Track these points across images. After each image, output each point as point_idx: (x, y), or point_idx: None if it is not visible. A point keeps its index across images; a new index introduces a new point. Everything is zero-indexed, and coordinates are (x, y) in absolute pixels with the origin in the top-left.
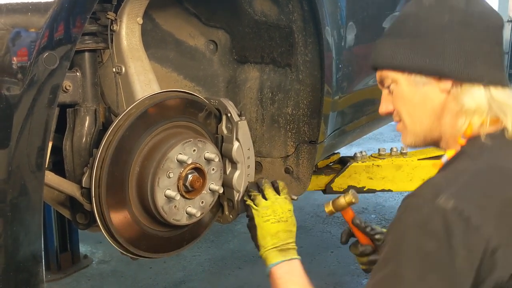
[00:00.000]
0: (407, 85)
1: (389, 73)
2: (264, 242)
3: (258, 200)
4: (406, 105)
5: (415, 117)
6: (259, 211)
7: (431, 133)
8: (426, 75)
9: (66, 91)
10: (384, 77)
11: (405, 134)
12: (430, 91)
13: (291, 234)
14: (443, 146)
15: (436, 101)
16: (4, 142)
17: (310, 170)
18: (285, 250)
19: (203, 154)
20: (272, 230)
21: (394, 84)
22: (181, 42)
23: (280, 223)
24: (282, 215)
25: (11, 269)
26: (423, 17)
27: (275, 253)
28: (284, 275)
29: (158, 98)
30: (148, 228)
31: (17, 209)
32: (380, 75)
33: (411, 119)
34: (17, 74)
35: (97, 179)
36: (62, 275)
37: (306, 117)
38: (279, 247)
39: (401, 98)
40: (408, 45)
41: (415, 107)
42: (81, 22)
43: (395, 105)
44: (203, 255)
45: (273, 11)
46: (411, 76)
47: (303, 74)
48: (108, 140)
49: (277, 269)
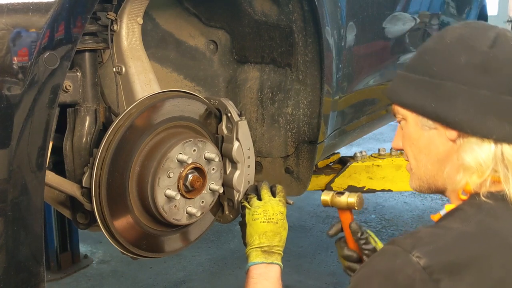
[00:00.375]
0: (414, 125)
1: (399, 109)
2: (251, 240)
3: (252, 200)
4: (412, 146)
5: (419, 161)
6: (251, 209)
7: (435, 180)
8: (432, 120)
9: (67, 91)
10: (396, 111)
11: (411, 176)
12: (436, 136)
13: (279, 237)
14: (448, 197)
15: (441, 148)
16: (5, 142)
17: (310, 170)
18: (269, 252)
19: (203, 154)
20: (260, 229)
21: (404, 121)
22: (181, 42)
23: (269, 224)
24: (273, 216)
25: (12, 269)
26: (439, 55)
27: (257, 253)
28: (257, 276)
29: (159, 98)
30: (149, 227)
31: (18, 209)
32: (393, 107)
33: (416, 162)
34: (18, 74)
35: (98, 179)
36: (62, 275)
37: (306, 117)
38: (264, 248)
39: (408, 138)
40: (418, 84)
41: (420, 151)
42: (81, 22)
43: (403, 144)
44: (203, 255)
45: (273, 11)
46: (419, 117)
47: (303, 74)
48: (108, 140)
49: (254, 268)
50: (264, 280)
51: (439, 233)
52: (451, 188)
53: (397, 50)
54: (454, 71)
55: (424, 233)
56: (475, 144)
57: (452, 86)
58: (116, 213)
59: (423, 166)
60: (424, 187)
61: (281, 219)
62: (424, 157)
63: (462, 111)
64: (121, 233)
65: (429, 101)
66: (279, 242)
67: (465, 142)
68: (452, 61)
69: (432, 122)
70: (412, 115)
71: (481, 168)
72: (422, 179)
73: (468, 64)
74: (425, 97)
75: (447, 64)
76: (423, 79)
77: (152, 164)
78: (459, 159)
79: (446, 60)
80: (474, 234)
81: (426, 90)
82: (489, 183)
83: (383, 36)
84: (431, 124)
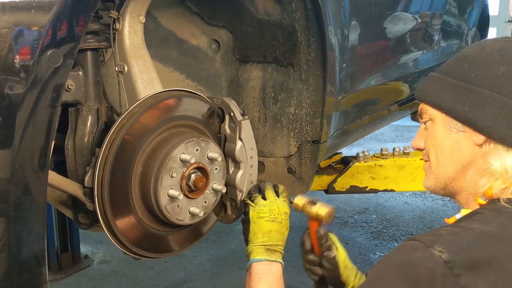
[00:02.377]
0: (442, 126)
1: (429, 109)
2: (254, 238)
3: (257, 199)
4: (436, 146)
5: (441, 161)
6: (256, 208)
7: (452, 182)
8: (462, 123)
9: (68, 90)
10: (424, 111)
11: (428, 175)
12: (462, 139)
13: (282, 237)
14: (462, 201)
15: (466, 151)
16: (7, 141)
17: (312, 170)
18: (272, 250)
19: (206, 153)
20: (265, 228)
21: (430, 122)
22: (184, 41)
23: (274, 223)
24: (278, 216)
25: (14, 269)
26: (478, 63)
27: (261, 250)
28: (262, 272)
29: (161, 97)
30: (151, 227)
31: (20, 209)
32: (421, 108)
33: (437, 162)
34: (21, 72)
35: (100, 179)
36: (63, 275)
37: (308, 116)
38: (267, 246)
39: (433, 138)
40: (454, 87)
41: (443, 151)
42: (84, 21)
43: (426, 144)
44: (204, 255)
45: (276, 10)
46: (448, 119)
47: (306, 73)
48: (111, 139)
49: (257, 265)
50: (269, 276)
51: (460, 232)
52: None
53: (400, 49)
54: (491, 80)
55: (445, 231)
56: (502, 150)
57: (487, 94)
58: (118, 213)
59: (444, 167)
60: (439, 187)
61: (285, 219)
62: (446, 158)
63: (493, 119)
64: (123, 233)
65: (462, 105)
66: (281, 242)
67: (492, 148)
68: (491, 71)
69: (461, 125)
70: (442, 115)
71: (506, 174)
72: (439, 179)
73: (506, 75)
74: (459, 100)
75: (485, 73)
76: (460, 84)
77: (155, 164)
78: (486, 164)
79: (485, 69)
80: (495, 234)
81: (461, 94)
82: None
83: (386, 35)
84: (460, 126)
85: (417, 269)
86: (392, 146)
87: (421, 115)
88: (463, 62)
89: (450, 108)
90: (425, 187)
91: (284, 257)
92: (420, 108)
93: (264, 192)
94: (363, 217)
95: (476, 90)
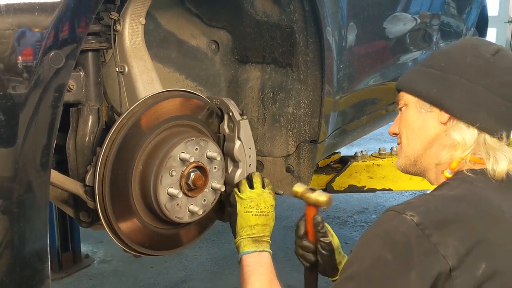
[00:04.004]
0: (414, 109)
1: (405, 95)
2: (242, 231)
3: (243, 186)
4: (407, 127)
5: (410, 139)
6: (243, 201)
7: (421, 159)
8: (430, 103)
9: (70, 90)
10: (400, 99)
11: (399, 155)
12: (430, 119)
13: (268, 228)
14: (432, 178)
15: (432, 130)
16: (11, 141)
17: (311, 169)
18: (259, 241)
19: (205, 152)
20: (252, 221)
21: (405, 107)
22: (183, 42)
23: (261, 217)
24: (264, 209)
25: (18, 264)
26: (451, 55)
27: (248, 242)
28: (252, 264)
29: (161, 97)
30: (151, 226)
31: (24, 206)
32: (398, 96)
33: (407, 141)
34: (24, 73)
35: (101, 177)
36: (64, 274)
37: (307, 116)
38: (254, 238)
39: (405, 121)
40: (428, 74)
41: (413, 131)
42: (86, 22)
43: (400, 127)
44: (204, 254)
45: (274, 11)
46: (419, 101)
47: (304, 74)
48: (111, 138)
49: (247, 257)
50: (259, 266)
51: (429, 198)
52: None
53: (398, 50)
54: (459, 68)
55: (416, 200)
56: (463, 126)
57: (455, 79)
58: (119, 211)
59: (413, 145)
60: (409, 165)
61: (271, 211)
62: (415, 137)
63: (458, 99)
64: (124, 231)
65: (433, 88)
66: (267, 232)
67: (454, 124)
68: (459, 60)
69: (429, 105)
70: (414, 99)
71: (464, 144)
72: (409, 156)
73: (472, 64)
74: (431, 85)
75: (455, 62)
76: (433, 72)
77: (154, 163)
78: (448, 136)
79: (455, 59)
80: (460, 197)
81: (433, 79)
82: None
83: (384, 36)
84: (428, 107)
85: (394, 235)
86: (391, 146)
87: (398, 103)
88: (437, 54)
89: (421, 91)
90: (397, 168)
91: (284, 256)
92: (398, 96)
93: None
94: (362, 217)
95: (445, 76)
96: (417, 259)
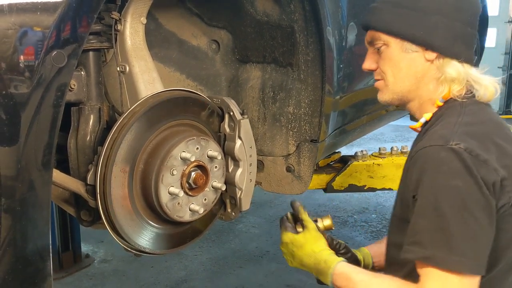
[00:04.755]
0: (398, 49)
1: (383, 36)
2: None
3: None
4: (393, 67)
5: (398, 78)
6: None
7: (408, 94)
8: (417, 45)
9: (71, 89)
10: (376, 38)
11: (384, 91)
12: (416, 58)
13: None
14: (413, 108)
15: (420, 67)
16: (13, 140)
17: (311, 169)
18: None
19: (206, 152)
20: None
21: (385, 46)
22: (184, 41)
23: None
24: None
25: (20, 263)
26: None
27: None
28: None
29: (162, 96)
30: (152, 225)
31: (26, 205)
32: (373, 35)
33: (395, 79)
34: (26, 72)
35: (102, 176)
36: (64, 274)
37: (307, 116)
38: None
39: (389, 60)
40: (406, 16)
41: (400, 70)
42: (88, 22)
43: (381, 65)
44: (204, 254)
45: (275, 11)
46: (404, 43)
47: (305, 73)
48: (113, 137)
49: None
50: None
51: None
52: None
53: None
54: (437, 6)
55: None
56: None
57: (436, 19)
58: (120, 210)
59: (401, 82)
60: (396, 99)
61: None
62: (404, 75)
63: (443, 38)
64: (125, 230)
65: (418, 30)
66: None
67: (446, 61)
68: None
69: (415, 46)
70: (397, 40)
71: (461, 77)
72: (397, 93)
73: (447, 2)
74: (414, 26)
75: (430, 2)
76: (411, 13)
77: (155, 162)
78: (440, 73)
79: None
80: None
81: (414, 21)
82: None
83: None
84: (414, 48)
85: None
86: (391, 146)
87: (371, 42)
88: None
89: (407, 34)
90: (380, 101)
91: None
92: (371, 36)
93: None
94: (362, 217)
95: (426, 16)
96: (478, 177)
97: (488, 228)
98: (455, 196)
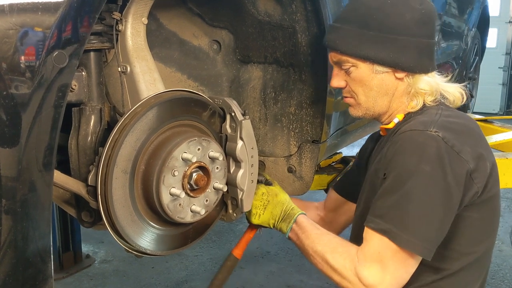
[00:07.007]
0: (367, 71)
1: (351, 59)
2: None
3: None
4: (363, 86)
5: (370, 96)
6: None
7: (380, 108)
8: (386, 66)
9: (72, 90)
10: (344, 61)
11: (357, 108)
12: (387, 77)
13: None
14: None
15: (390, 85)
16: (14, 140)
17: (312, 169)
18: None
19: (208, 152)
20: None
21: (354, 67)
22: (185, 42)
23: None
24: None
25: (21, 264)
26: (387, 13)
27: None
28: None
29: (163, 97)
30: (153, 226)
31: (27, 206)
32: (339, 58)
33: (366, 98)
34: (27, 73)
35: (103, 177)
36: (65, 274)
37: (309, 116)
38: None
39: (360, 81)
40: (374, 39)
41: (371, 89)
42: (89, 22)
43: (351, 85)
44: (205, 255)
45: (276, 11)
46: (373, 65)
47: (306, 74)
48: (114, 138)
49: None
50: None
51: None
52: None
53: None
54: (404, 27)
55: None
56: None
57: (404, 39)
58: (121, 211)
59: (373, 100)
60: (368, 115)
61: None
62: (375, 94)
63: (411, 58)
64: (126, 231)
65: (387, 53)
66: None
67: (416, 78)
68: (399, 19)
69: (385, 67)
70: (366, 63)
71: (432, 88)
72: (370, 109)
73: (412, 19)
74: (383, 49)
75: (395, 21)
76: (378, 35)
77: (157, 163)
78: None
79: (393, 17)
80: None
81: (382, 43)
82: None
83: None
84: (385, 69)
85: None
86: None
87: (338, 63)
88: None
89: (376, 58)
90: (353, 115)
91: (285, 256)
92: (338, 58)
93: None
94: None
95: (395, 38)
96: (449, 166)
97: (444, 217)
98: (421, 180)
